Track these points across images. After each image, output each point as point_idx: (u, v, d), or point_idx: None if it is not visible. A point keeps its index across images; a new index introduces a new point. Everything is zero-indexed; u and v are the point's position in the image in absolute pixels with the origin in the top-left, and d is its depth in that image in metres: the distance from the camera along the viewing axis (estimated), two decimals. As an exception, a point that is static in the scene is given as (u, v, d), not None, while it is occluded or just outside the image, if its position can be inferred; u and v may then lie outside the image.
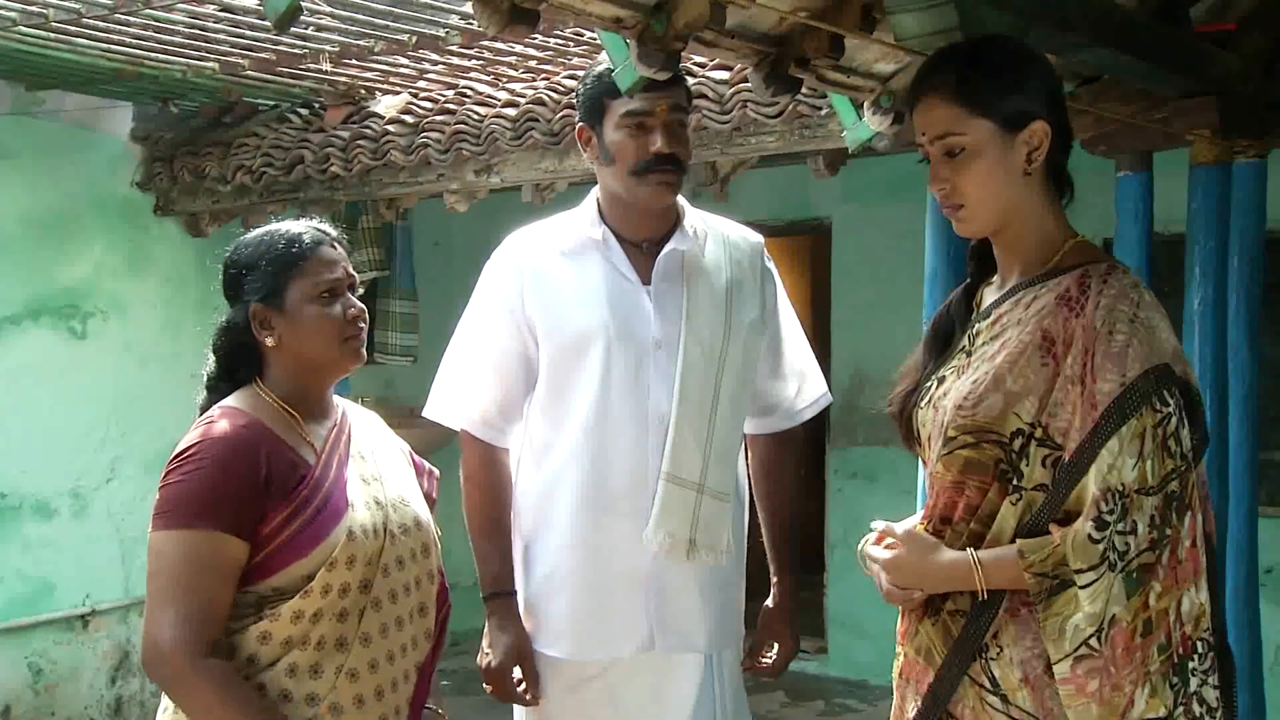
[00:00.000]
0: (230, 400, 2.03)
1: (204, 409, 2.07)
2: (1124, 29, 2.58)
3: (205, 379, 2.11)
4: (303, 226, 2.09)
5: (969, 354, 1.89)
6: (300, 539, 1.93)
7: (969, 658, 1.81)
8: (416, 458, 2.28)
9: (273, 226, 2.11)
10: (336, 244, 2.10)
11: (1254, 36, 2.99)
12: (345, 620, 1.95)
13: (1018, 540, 1.76)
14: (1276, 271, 3.80)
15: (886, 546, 1.89)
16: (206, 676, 1.84)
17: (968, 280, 2.02)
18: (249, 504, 1.91)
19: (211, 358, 2.10)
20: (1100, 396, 1.73)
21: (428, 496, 2.23)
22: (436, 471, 2.30)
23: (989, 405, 1.79)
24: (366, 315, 2.09)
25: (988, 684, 1.80)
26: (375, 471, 2.11)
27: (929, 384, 1.94)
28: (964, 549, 1.81)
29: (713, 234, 2.60)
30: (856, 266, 6.11)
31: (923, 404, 1.93)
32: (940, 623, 1.84)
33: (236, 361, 2.07)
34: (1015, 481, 1.79)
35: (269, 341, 2.03)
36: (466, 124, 4.72)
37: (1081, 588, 1.70)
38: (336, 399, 2.16)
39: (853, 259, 6.13)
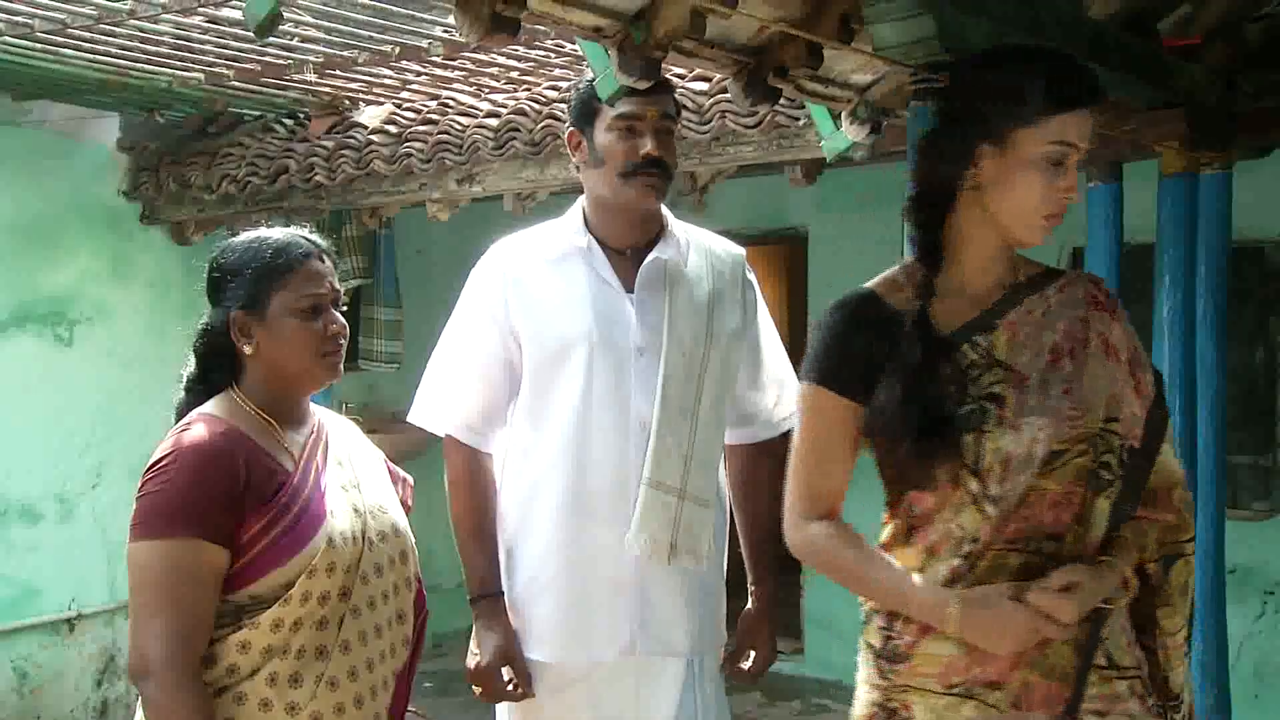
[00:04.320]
0: (207, 407, 2.01)
1: (181, 410, 2.05)
2: (1095, 40, 2.63)
3: (184, 380, 2.09)
4: (293, 236, 2.06)
5: (1006, 366, 1.85)
6: (280, 546, 1.91)
7: (1092, 655, 1.86)
8: (392, 466, 2.25)
9: (263, 233, 2.07)
10: (325, 256, 2.07)
11: (1217, 50, 3.07)
12: (325, 628, 1.94)
13: (1124, 533, 1.88)
14: (1240, 280, 3.88)
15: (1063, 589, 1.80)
16: (190, 702, 1.83)
17: (920, 305, 1.91)
18: (228, 511, 1.89)
19: (192, 359, 2.08)
20: (1146, 387, 1.91)
21: (403, 504, 2.22)
22: (411, 479, 2.28)
23: (1093, 408, 1.85)
24: (347, 331, 2.06)
25: (1105, 663, 1.87)
26: (353, 478, 2.09)
27: (977, 408, 1.83)
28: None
29: (695, 245, 2.62)
30: (832, 275, 6.15)
31: (990, 428, 1.82)
32: (1072, 638, 1.84)
33: (214, 365, 2.05)
34: (1105, 476, 1.86)
35: (247, 350, 2.01)
36: (449, 134, 4.76)
37: (1189, 556, 1.92)
38: (313, 406, 2.14)
39: (828, 268, 6.16)
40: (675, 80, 4.04)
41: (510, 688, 2.53)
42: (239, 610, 1.92)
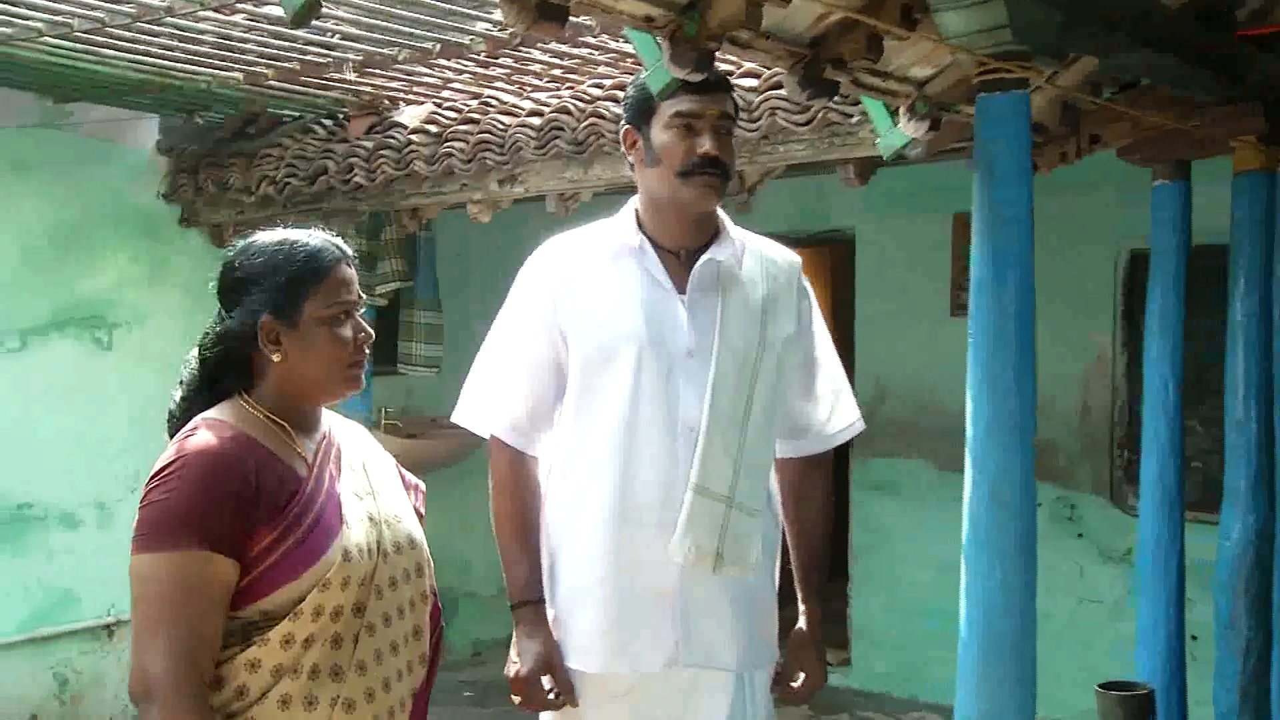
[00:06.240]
0: (212, 412, 1.92)
1: (179, 419, 1.95)
2: (1166, 30, 2.55)
3: (184, 387, 1.99)
4: (321, 240, 1.98)
5: None
6: (293, 559, 1.83)
7: None
8: (404, 472, 2.18)
9: (288, 235, 1.99)
10: (350, 262, 2.00)
11: (1295, 40, 2.96)
12: (339, 646, 1.86)
13: None
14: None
15: None
16: None
17: None
18: (237, 520, 1.80)
19: (195, 364, 1.98)
20: None
21: (416, 512, 2.13)
22: (423, 485, 2.21)
23: None
24: (372, 340, 2.02)
25: None
26: (368, 486, 2.01)
27: None
28: None
29: (750, 248, 2.58)
30: (878, 277, 6.07)
31: None
32: None
33: (225, 371, 1.95)
34: None
35: (275, 358, 1.92)
36: (491, 133, 4.69)
37: None
38: (324, 411, 2.06)
39: (875, 270, 6.08)
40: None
41: (551, 697, 2.47)
42: (248, 628, 1.83)
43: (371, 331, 2.01)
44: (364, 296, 2.03)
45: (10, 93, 5.10)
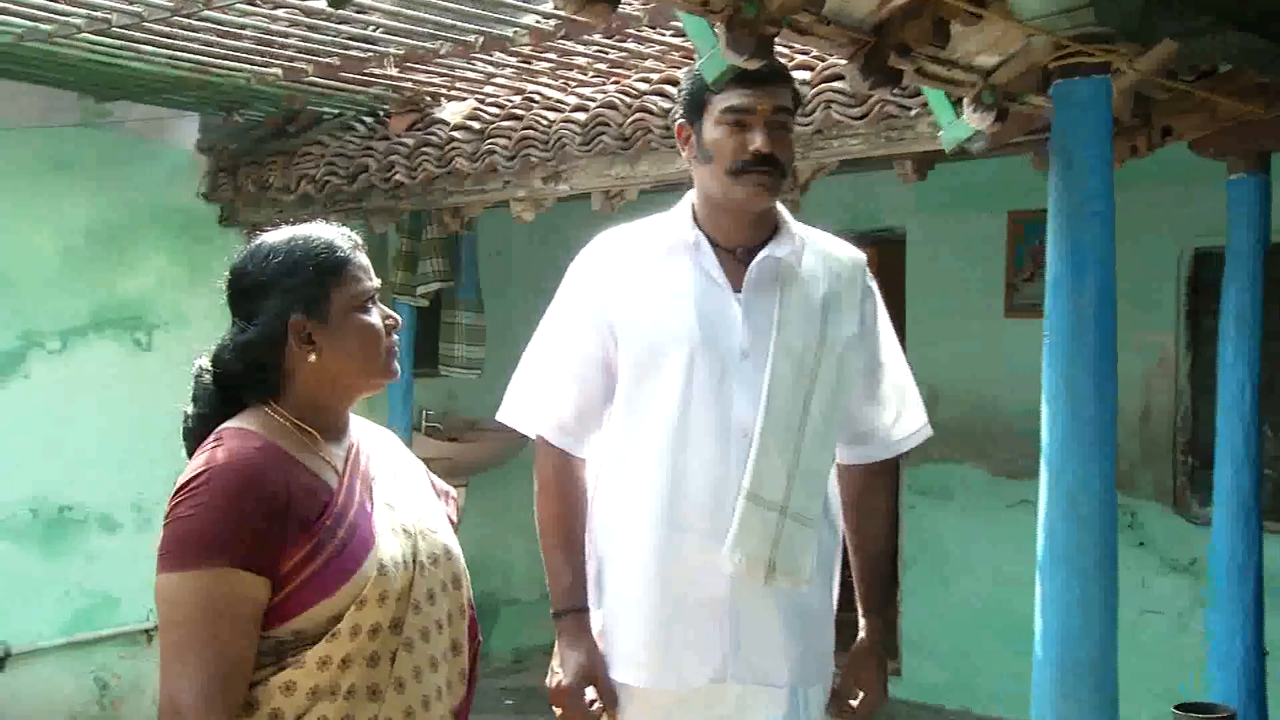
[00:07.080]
0: (237, 422, 1.84)
1: (196, 435, 1.87)
2: (1257, 9, 2.42)
3: (198, 403, 1.91)
4: (332, 231, 1.93)
5: None
6: (326, 575, 1.76)
7: None
8: (435, 479, 2.11)
9: (297, 232, 1.92)
10: (361, 248, 1.95)
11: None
12: (377, 665, 1.79)
13: None
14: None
15: None
16: None
17: None
18: (268, 536, 1.73)
19: (209, 378, 1.90)
20: None
21: (448, 521, 2.06)
22: (454, 492, 2.14)
23: None
24: (400, 325, 1.95)
25: None
26: (400, 495, 1.94)
27: None
28: None
29: (811, 245, 2.48)
30: (930, 277, 5.94)
31: None
32: None
33: (248, 382, 1.88)
34: None
35: (312, 358, 1.84)
36: (534, 129, 4.61)
37: None
38: (351, 416, 1.98)
39: (926, 270, 5.96)
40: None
41: (593, 709, 2.40)
42: (280, 647, 1.75)
43: (398, 316, 1.95)
44: (379, 281, 1.96)
45: (50, 92, 5.10)
